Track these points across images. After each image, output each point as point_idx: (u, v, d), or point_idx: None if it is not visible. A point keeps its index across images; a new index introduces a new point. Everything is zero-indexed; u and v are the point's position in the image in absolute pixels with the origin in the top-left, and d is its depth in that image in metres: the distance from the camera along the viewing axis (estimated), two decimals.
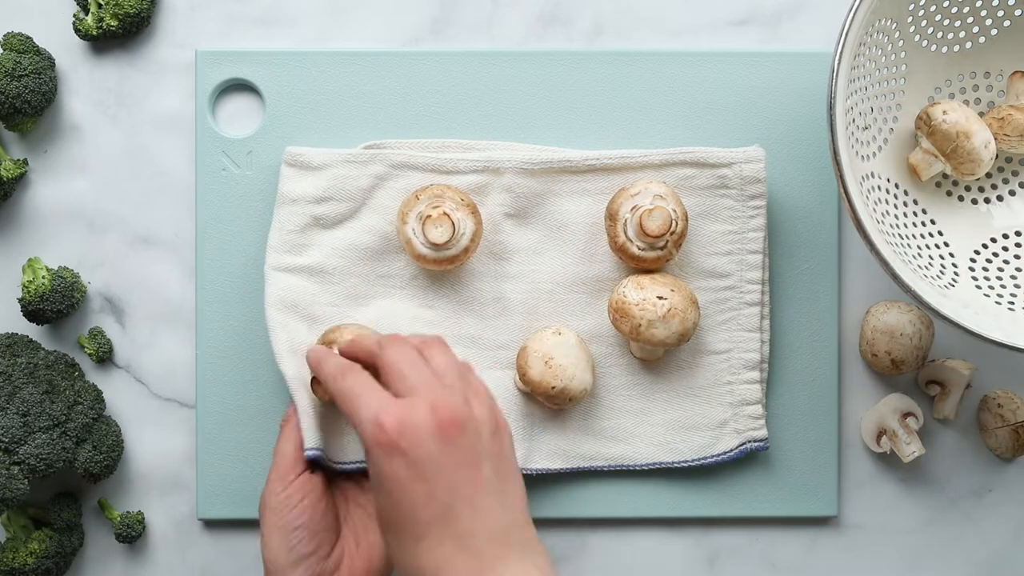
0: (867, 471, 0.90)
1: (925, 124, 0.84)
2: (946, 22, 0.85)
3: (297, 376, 0.82)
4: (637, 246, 0.83)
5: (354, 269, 0.86)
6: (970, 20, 0.86)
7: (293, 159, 0.85)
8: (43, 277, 0.86)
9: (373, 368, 0.76)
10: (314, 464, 0.80)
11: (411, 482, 0.70)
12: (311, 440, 0.80)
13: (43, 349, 0.86)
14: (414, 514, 0.70)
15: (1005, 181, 0.89)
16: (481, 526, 0.70)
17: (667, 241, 0.83)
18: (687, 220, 0.84)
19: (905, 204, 0.86)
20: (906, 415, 0.87)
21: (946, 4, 0.84)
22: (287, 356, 0.83)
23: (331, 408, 0.83)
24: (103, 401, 0.87)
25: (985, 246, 0.87)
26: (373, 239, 0.86)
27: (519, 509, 0.73)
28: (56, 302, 0.86)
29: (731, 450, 0.87)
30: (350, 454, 0.83)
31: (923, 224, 0.87)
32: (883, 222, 0.82)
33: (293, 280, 0.85)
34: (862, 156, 0.83)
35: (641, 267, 0.84)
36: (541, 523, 0.88)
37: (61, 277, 0.86)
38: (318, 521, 0.78)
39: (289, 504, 0.78)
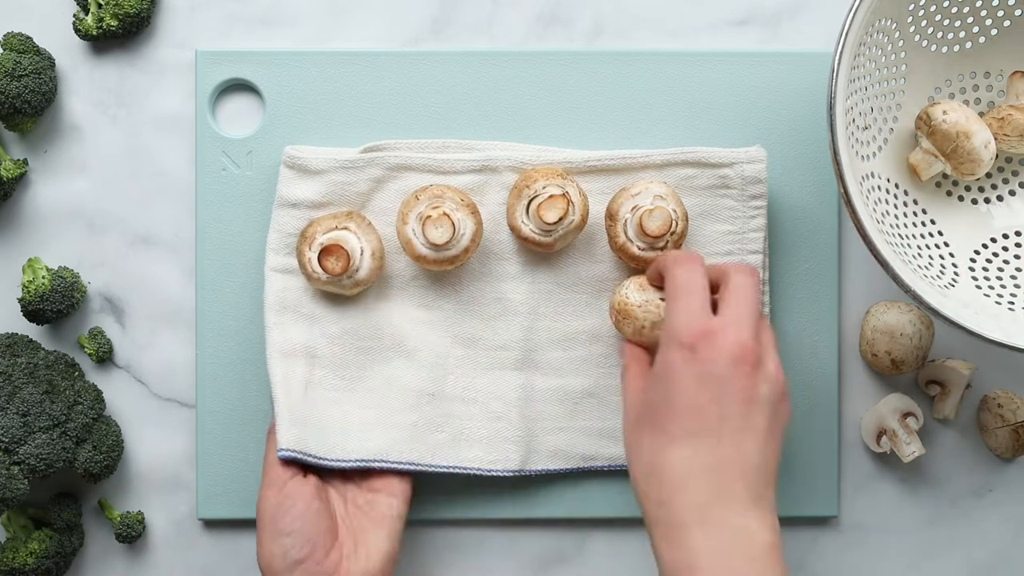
0: (867, 471, 0.90)
1: (925, 124, 0.84)
2: (946, 22, 0.85)
3: (282, 379, 0.83)
4: (637, 246, 0.83)
5: None
6: (970, 20, 0.86)
7: (292, 161, 0.85)
8: (43, 277, 0.86)
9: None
10: (306, 468, 0.81)
11: (694, 389, 0.73)
12: (285, 440, 0.81)
13: (43, 349, 0.86)
14: (684, 417, 0.73)
15: (1005, 181, 0.89)
16: (740, 461, 0.73)
17: (667, 241, 0.83)
18: (687, 220, 0.84)
19: (905, 204, 0.86)
20: (906, 415, 0.87)
21: (946, 4, 0.84)
22: (277, 357, 0.83)
23: (331, 405, 0.83)
24: (103, 401, 0.87)
25: (985, 246, 0.87)
26: None
27: (772, 471, 0.74)
28: (56, 302, 0.86)
29: None
30: (351, 452, 0.83)
31: (923, 224, 0.87)
32: (883, 222, 0.82)
33: (291, 281, 0.85)
34: (862, 156, 0.83)
35: (641, 267, 0.84)
36: (541, 523, 0.88)
37: (61, 277, 0.86)
38: (312, 526, 0.78)
39: (281, 510, 0.78)
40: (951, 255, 0.86)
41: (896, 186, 0.86)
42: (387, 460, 0.84)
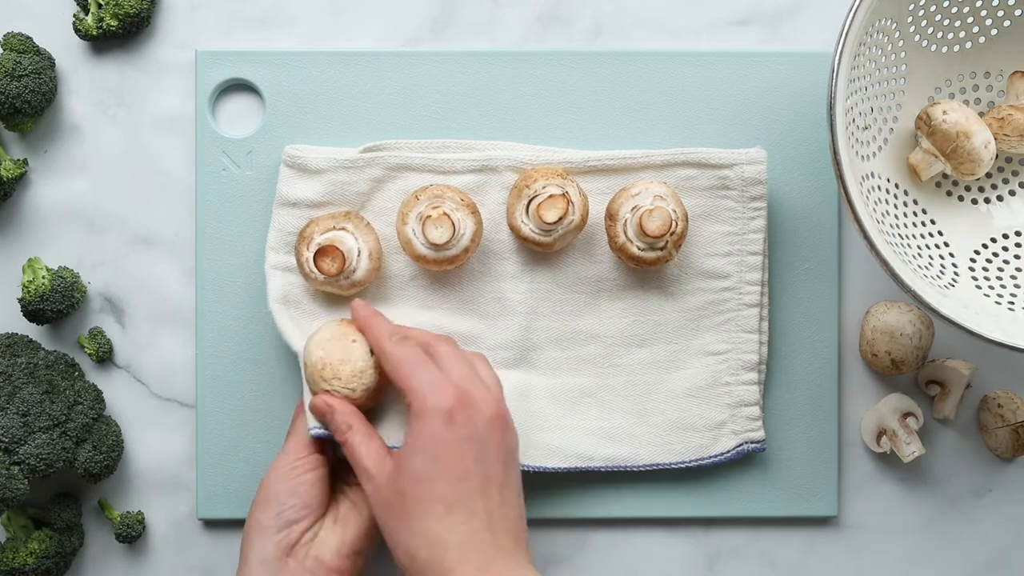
0: (867, 471, 0.90)
1: (925, 124, 0.84)
2: (946, 22, 0.85)
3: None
4: (637, 246, 0.83)
5: None
6: (970, 20, 0.86)
7: (292, 160, 0.85)
8: (43, 277, 0.86)
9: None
10: (323, 450, 0.82)
11: (461, 452, 0.74)
12: (315, 419, 0.81)
13: (43, 349, 0.86)
14: (454, 483, 0.74)
15: (1005, 181, 0.89)
16: (506, 516, 0.75)
17: (667, 241, 0.83)
18: (687, 220, 0.84)
19: (905, 204, 0.86)
20: (906, 415, 0.87)
21: (946, 4, 0.84)
22: (296, 337, 0.83)
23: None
24: (103, 401, 0.87)
25: (985, 246, 0.87)
26: None
27: (524, 518, 0.77)
28: (56, 302, 0.86)
29: (728, 451, 0.87)
30: None
31: (923, 224, 0.87)
32: (883, 222, 0.82)
33: (292, 278, 0.85)
34: (862, 156, 0.83)
35: (640, 267, 0.84)
36: (541, 523, 0.88)
37: (61, 277, 0.86)
38: (314, 496, 0.80)
39: (296, 472, 0.80)
40: (951, 255, 0.86)
41: (896, 186, 0.86)
42: None
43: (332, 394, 0.80)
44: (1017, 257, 0.87)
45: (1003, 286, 0.85)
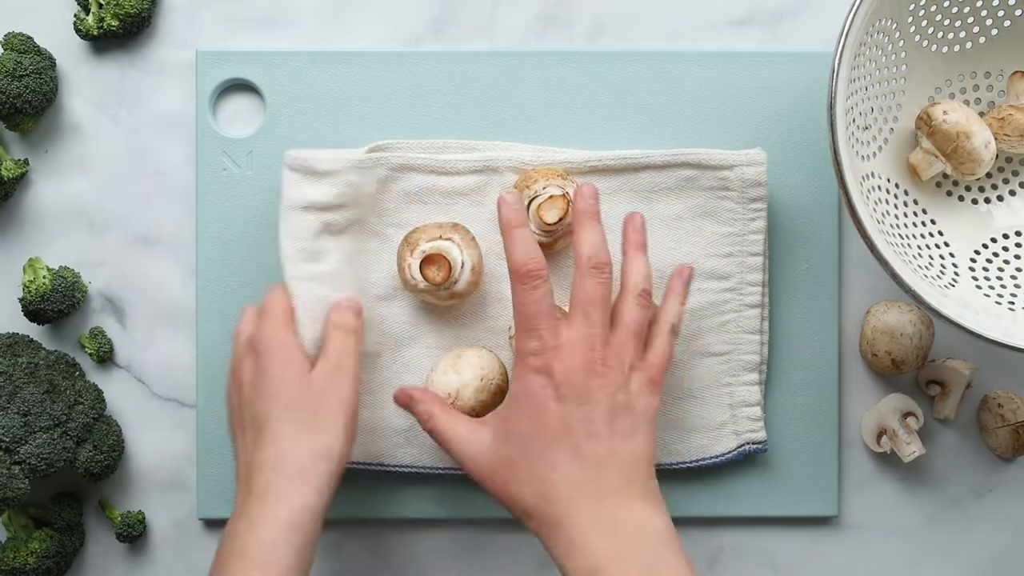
0: (867, 471, 0.90)
1: (925, 124, 0.84)
2: (946, 22, 0.85)
3: (312, 340, 0.81)
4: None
5: (361, 272, 0.85)
6: (970, 20, 0.86)
7: (296, 164, 0.83)
8: (44, 277, 0.86)
9: None
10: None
11: (558, 410, 0.75)
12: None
13: (44, 349, 0.86)
14: (555, 440, 0.75)
15: (1005, 181, 0.89)
16: (611, 463, 0.75)
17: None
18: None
19: (905, 204, 0.86)
20: (906, 415, 0.87)
21: (946, 4, 0.84)
22: (308, 324, 0.81)
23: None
24: (103, 401, 0.87)
25: (985, 246, 0.87)
26: (377, 243, 0.86)
27: (647, 461, 0.76)
28: (57, 302, 0.86)
29: (730, 452, 0.87)
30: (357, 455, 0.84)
31: (923, 224, 0.87)
32: (883, 222, 0.82)
33: (320, 291, 0.82)
34: (862, 156, 0.83)
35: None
36: None
37: (62, 277, 0.87)
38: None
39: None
40: (951, 255, 0.86)
41: (896, 186, 0.86)
42: (383, 464, 0.85)
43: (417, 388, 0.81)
44: (1017, 257, 0.87)
45: (1003, 286, 0.85)
